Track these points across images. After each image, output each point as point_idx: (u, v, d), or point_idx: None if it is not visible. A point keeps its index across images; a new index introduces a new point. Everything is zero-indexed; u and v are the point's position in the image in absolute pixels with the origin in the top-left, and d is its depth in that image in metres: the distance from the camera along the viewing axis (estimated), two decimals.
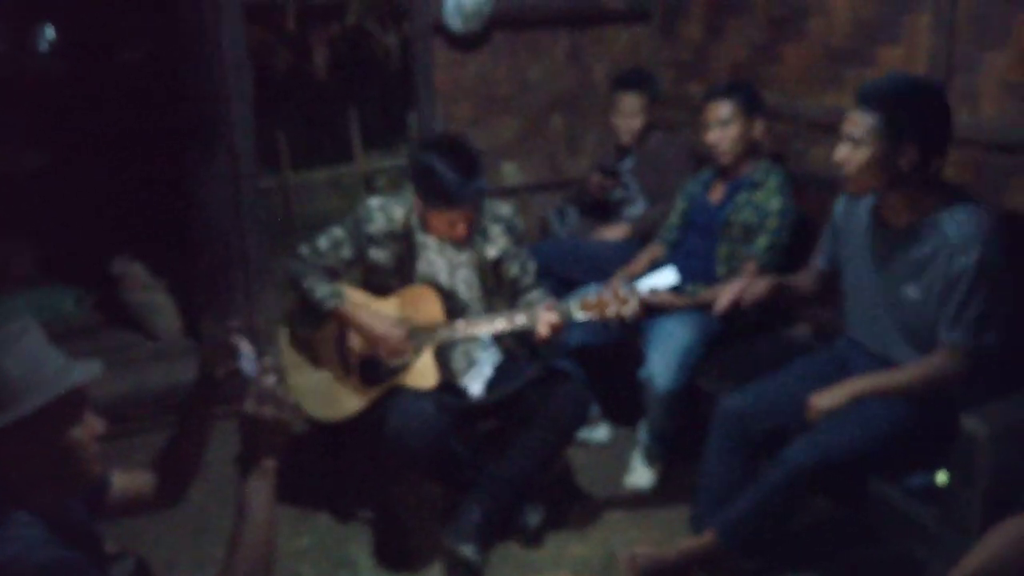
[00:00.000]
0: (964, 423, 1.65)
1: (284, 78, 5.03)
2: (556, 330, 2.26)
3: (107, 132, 3.66)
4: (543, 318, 2.25)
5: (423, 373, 2.36)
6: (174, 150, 3.20)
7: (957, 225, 1.93)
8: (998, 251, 1.91)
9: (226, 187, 3.12)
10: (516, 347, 2.55)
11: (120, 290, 3.48)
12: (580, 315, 2.28)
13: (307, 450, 2.74)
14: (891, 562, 2.14)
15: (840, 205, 2.28)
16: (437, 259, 2.44)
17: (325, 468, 2.76)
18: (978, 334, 1.92)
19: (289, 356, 2.52)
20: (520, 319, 2.30)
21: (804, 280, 2.41)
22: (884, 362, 2.13)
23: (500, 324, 2.32)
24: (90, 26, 3.80)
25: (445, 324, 2.37)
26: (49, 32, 3.81)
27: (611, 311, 2.27)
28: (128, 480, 1.51)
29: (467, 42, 3.56)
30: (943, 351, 1.96)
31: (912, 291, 2.02)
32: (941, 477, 1.77)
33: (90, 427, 1.28)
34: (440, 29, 3.47)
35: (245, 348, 1.47)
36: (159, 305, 3.42)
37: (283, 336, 2.56)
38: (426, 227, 2.39)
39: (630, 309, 2.26)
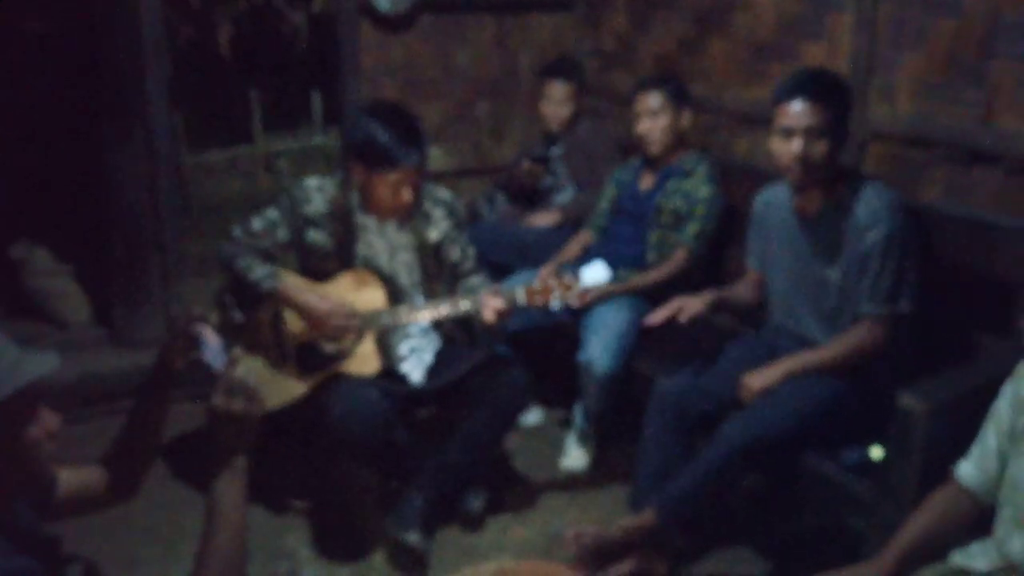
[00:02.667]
0: (900, 399, 1.75)
1: (184, 56, 4.80)
2: (502, 316, 2.26)
3: (4, 107, 3.39)
4: (489, 303, 2.24)
5: (365, 359, 2.32)
6: (84, 127, 3.00)
7: (864, 204, 2.06)
8: (904, 224, 2.05)
9: (142, 166, 2.95)
10: (457, 333, 2.54)
11: (22, 276, 3.25)
12: (525, 300, 2.29)
13: None
14: (827, 535, 2.25)
15: (759, 202, 2.37)
16: (377, 241, 2.39)
17: (258, 458, 2.66)
18: (893, 302, 2.05)
19: None
20: (464, 304, 2.28)
21: (743, 290, 2.46)
22: (809, 345, 2.23)
23: (444, 310, 2.30)
24: None
25: (387, 310, 2.33)
26: None
27: (555, 296, 2.29)
28: (76, 477, 1.41)
29: (394, 23, 3.49)
30: (864, 322, 2.08)
31: (832, 274, 2.14)
32: (876, 452, 1.88)
33: (45, 424, 1.19)
34: (366, 8, 3.39)
35: (210, 338, 1.40)
36: (65, 292, 3.21)
37: (213, 322, 2.45)
38: (367, 204, 2.33)
39: (574, 296, 2.29)
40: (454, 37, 3.70)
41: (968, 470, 1.50)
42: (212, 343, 1.40)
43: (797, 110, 2.04)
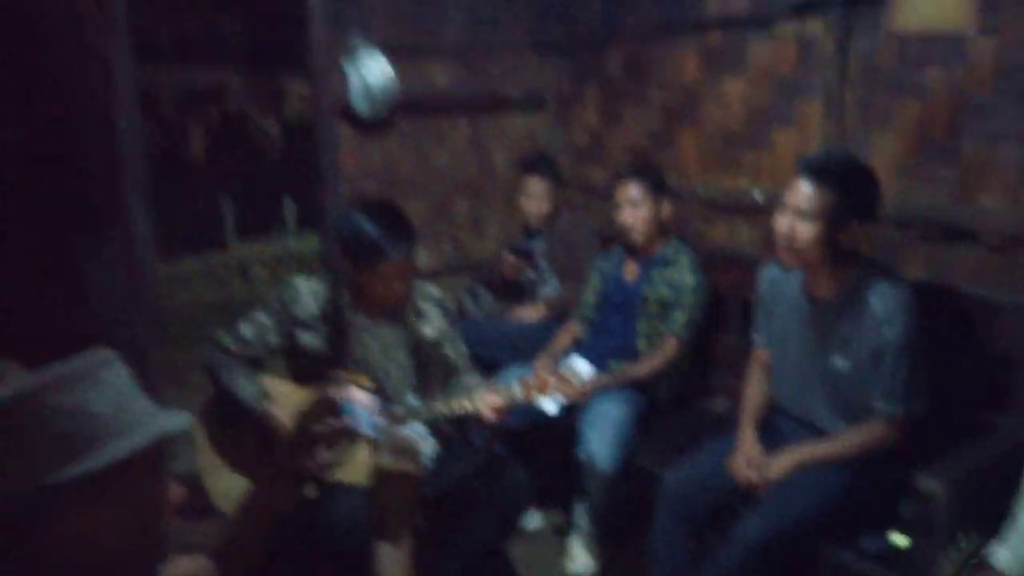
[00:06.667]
0: (919, 482, 1.72)
1: (157, 163, 4.79)
2: (501, 414, 2.19)
3: None
4: (487, 401, 2.18)
5: (356, 468, 2.22)
6: (58, 236, 2.93)
7: (881, 299, 2.01)
8: (918, 322, 2.01)
9: (120, 275, 2.88)
10: (452, 433, 2.46)
11: None
12: (522, 397, 2.23)
13: None
14: None
15: (765, 279, 2.35)
16: (370, 340, 2.34)
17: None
18: (908, 402, 2.01)
19: (207, 457, 2.31)
20: (462, 404, 2.22)
21: (759, 398, 2.36)
22: (813, 430, 2.19)
23: (441, 410, 2.23)
24: None
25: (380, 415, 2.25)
26: None
27: (553, 391, 2.23)
28: (188, 564, 1.30)
29: (373, 126, 3.54)
30: (878, 420, 2.04)
31: (840, 362, 2.09)
32: (899, 539, 1.82)
33: (170, 492, 1.12)
34: (346, 113, 3.43)
35: (361, 400, 1.33)
36: None
37: (199, 435, 2.35)
38: (359, 303, 2.29)
39: (573, 389, 2.24)
40: (431, 138, 3.76)
41: (1006, 557, 1.45)
42: (363, 406, 1.32)
43: (793, 188, 2.03)
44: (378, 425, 1.36)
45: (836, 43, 2.67)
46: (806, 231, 2.01)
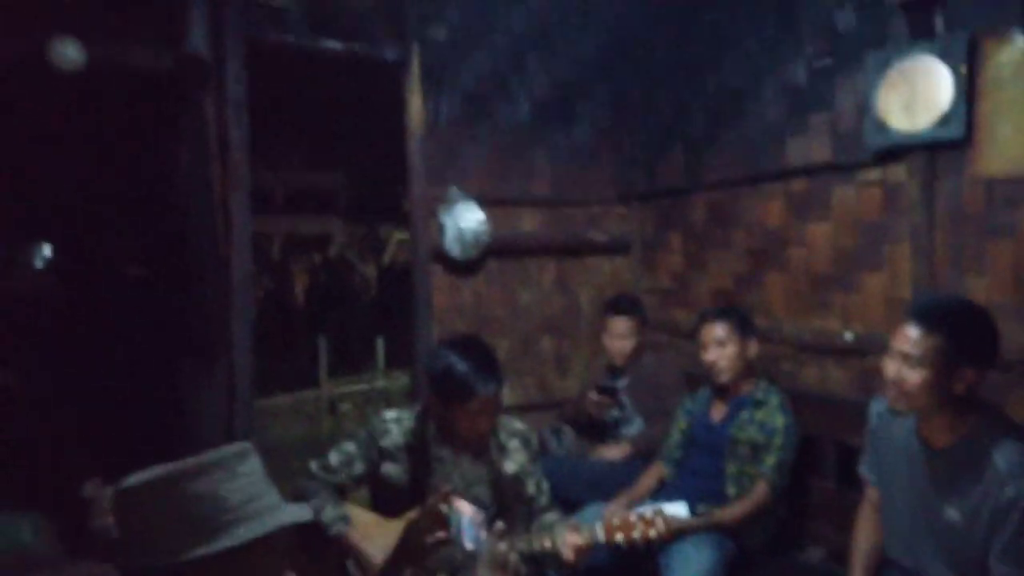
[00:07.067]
0: None
1: (261, 303, 5.09)
2: (582, 553, 2.15)
3: (94, 347, 3.61)
4: (568, 541, 2.15)
5: None
6: (168, 363, 3.14)
7: (1005, 455, 1.87)
8: None
9: (221, 406, 3.04)
10: (532, 572, 2.40)
11: (89, 517, 3.23)
12: (604, 537, 2.19)
13: None
14: None
15: (875, 413, 2.24)
16: (452, 474, 2.36)
17: None
18: None
19: None
20: (542, 542, 2.19)
21: (870, 549, 2.22)
22: None
23: (521, 547, 2.20)
24: (92, 243, 3.89)
25: (460, 549, 2.24)
26: (45, 250, 3.87)
27: (637, 533, 2.19)
28: None
29: (463, 268, 3.71)
30: None
31: (953, 514, 1.95)
32: None
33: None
34: (439, 256, 3.62)
35: (467, 512, 1.39)
36: None
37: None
38: (444, 436, 2.33)
39: (656, 531, 2.19)
40: (518, 279, 3.90)
41: None
42: (468, 519, 1.37)
43: (901, 332, 1.96)
44: (480, 539, 1.39)
45: (921, 188, 2.70)
46: (914, 376, 1.92)
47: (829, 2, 3.04)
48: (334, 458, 2.36)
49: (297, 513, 1.25)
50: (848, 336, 3.00)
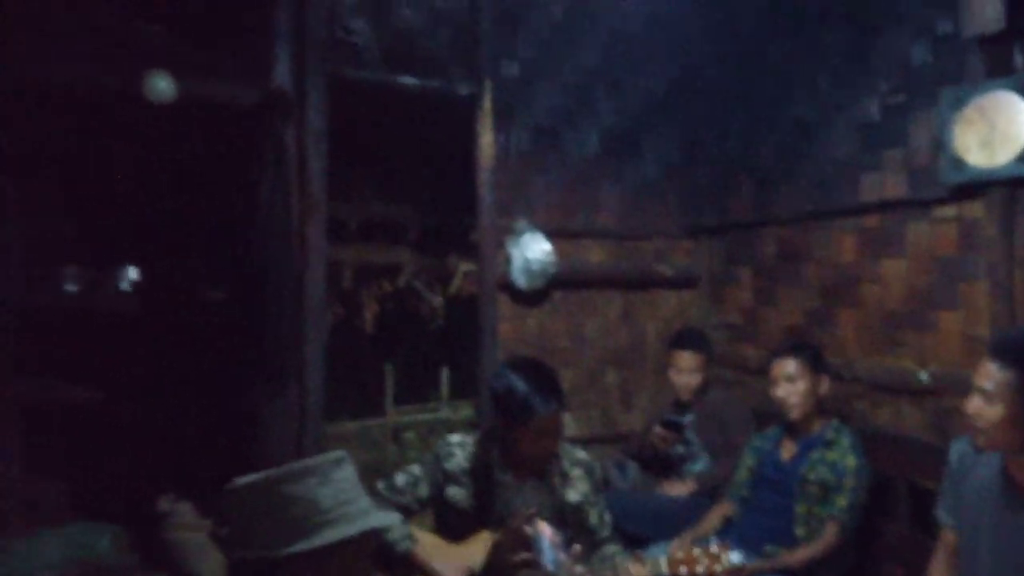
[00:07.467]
0: None
1: (331, 331, 5.20)
2: None
3: (173, 366, 3.75)
4: (631, 572, 2.13)
5: None
6: (242, 384, 3.25)
7: None
8: None
9: (292, 427, 3.12)
10: None
11: (162, 529, 3.35)
12: (667, 571, 2.17)
13: None
14: None
15: (956, 454, 2.18)
16: (515, 500, 2.37)
17: None
18: None
19: None
20: (605, 574, 2.18)
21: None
22: None
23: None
24: (174, 266, 4.07)
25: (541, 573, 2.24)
26: (131, 273, 4.05)
27: (701, 568, 2.16)
28: None
29: (529, 298, 3.74)
30: None
31: None
32: None
33: None
34: (506, 286, 3.67)
35: (548, 534, 1.45)
36: (203, 547, 3.27)
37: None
38: (508, 461, 2.35)
39: (722, 568, 2.15)
40: (584, 310, 3.91)
41: None
42: (550, 541, 1.42)
43: (980, 368, 1.93)
44: (560, 562, 1.43)
45: (1000, 224, 2.63)
46: (993, 413, 1.88)
47: (903, 37, 3.02)
48: (400, 479, 2.40)
49: (385, 519, 1.36)
50: (923, 376, 2.92)
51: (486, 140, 3.57)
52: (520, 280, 3.65)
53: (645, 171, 4.04)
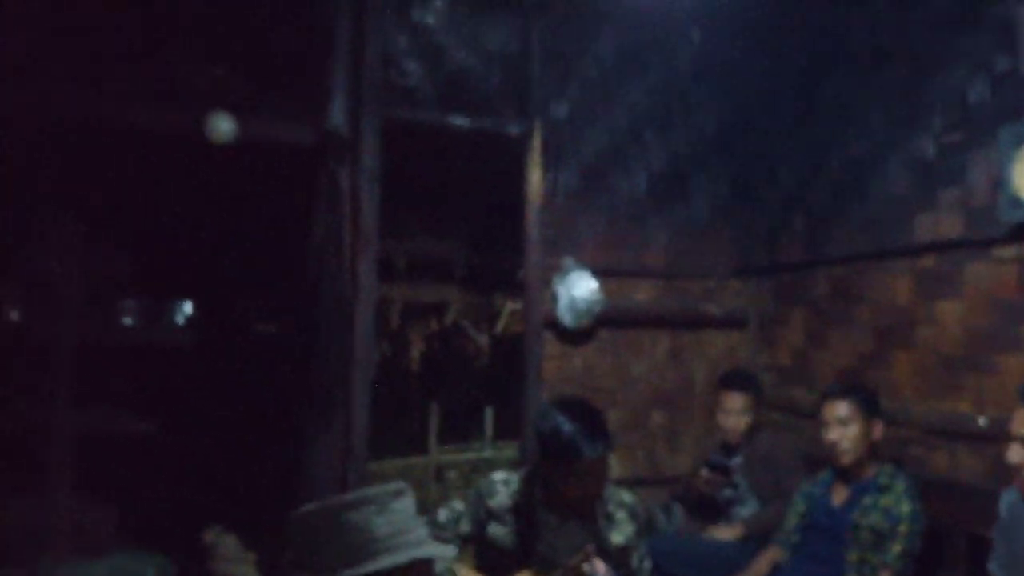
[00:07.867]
0: None
1: (378, 367, 5.25)
2: None
3: (223, 399, 3.82)
4: None
5: None
6: (289, 417, 3.29)
7: None
8: None
9: (337, 464, 3.14)
10: None
11: (208, 560, 3.39)
12: None
13: None
14: None
15: (1005, 505, 2.12)
16: (558, 540, 2.34)
17: None
18: None
19: None
20: None
21: None
22: None
23: None
24: (228, 301, 4.17)
25: None
26: (187, 307, 4.16)
27: None
28: None
29: (575, 336, 3.73)
30: None
31: None
32: None
33: None
34: (552, 324, 3.67)
35: (602, 571, 1.48)
36: None
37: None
38: (551, 500, 2.32)
39: None
40: (630, 349, 3.88)
41: None
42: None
43: (1019, 416, 1.90)
44: None
45: None
46: None
47: (959, 74, 2.98)
48: (443, 515, 2.39)
49: (438, 550, 1.43)
50: (982, 421, 2.82)
51: (535, 178, 3.61)
52: (566, 318, 3.65)
53: (694, 210, 4.03)
